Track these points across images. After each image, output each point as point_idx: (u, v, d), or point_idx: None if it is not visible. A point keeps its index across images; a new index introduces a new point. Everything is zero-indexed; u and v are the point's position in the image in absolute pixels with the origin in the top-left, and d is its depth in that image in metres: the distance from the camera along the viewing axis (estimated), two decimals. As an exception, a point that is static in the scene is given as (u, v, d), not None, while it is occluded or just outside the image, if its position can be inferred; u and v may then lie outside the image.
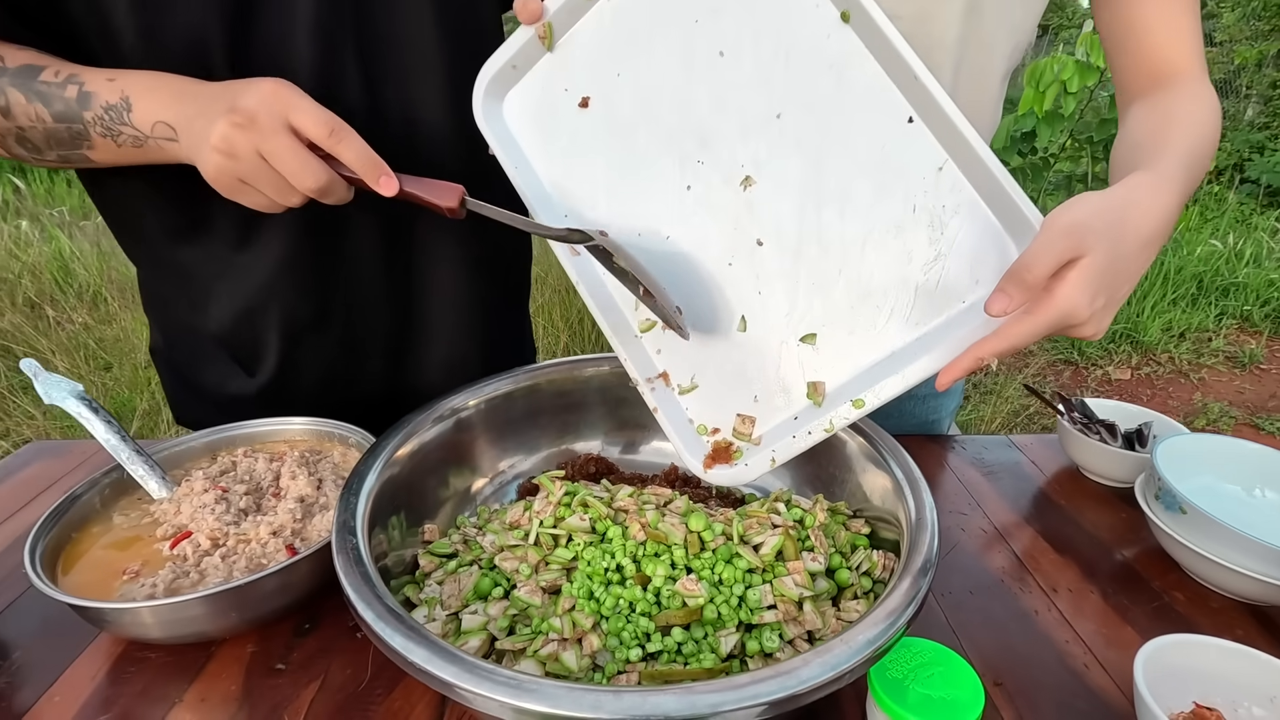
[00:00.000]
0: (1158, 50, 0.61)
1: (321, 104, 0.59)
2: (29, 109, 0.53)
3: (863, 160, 0.50)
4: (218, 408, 0.78)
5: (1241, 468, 0.65)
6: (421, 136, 0.69)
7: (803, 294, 0.53)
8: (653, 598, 0.45)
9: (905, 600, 0.40)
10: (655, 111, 0.56)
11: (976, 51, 0.66)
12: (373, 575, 0.42)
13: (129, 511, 0.61)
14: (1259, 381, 2.75)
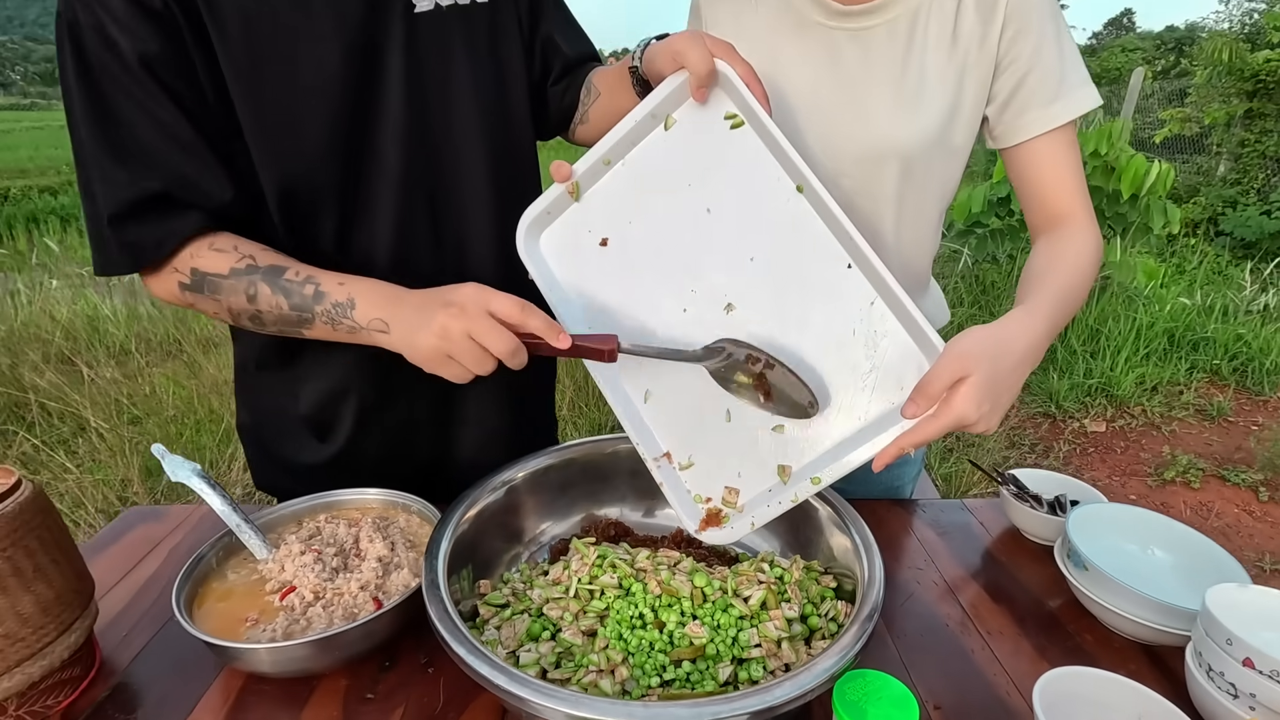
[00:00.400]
0: (1050, 199, 0.79)
1: (398, 238, 0.77)
2: (272, 299, 0.71)
3: (815, 294, 0.67)
4: (292, 474, 0.94)
5: (1139, 530, 0.79)
6: (472, 262, 0.86)
7: (777, 395, 0.69)
8: (667, 639, 0.59)
9: (855, 639, 0.54)
10: (659, 251, 0.73)
11: (913, 202, 0.84)
12: (459, 624, 0.56)
13: (239, 570, 0.75)
14: (1226, 434, 2.90)
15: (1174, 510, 2.41)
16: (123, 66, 0.67)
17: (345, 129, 0.76)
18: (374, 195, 0.80)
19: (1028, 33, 0.75)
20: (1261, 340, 3.48)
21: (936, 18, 0.77)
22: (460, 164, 0.82)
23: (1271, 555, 2.17)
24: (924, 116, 0.78)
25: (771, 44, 0.82)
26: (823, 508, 0.74)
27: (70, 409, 2.60)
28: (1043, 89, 0.76)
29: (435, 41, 0.78)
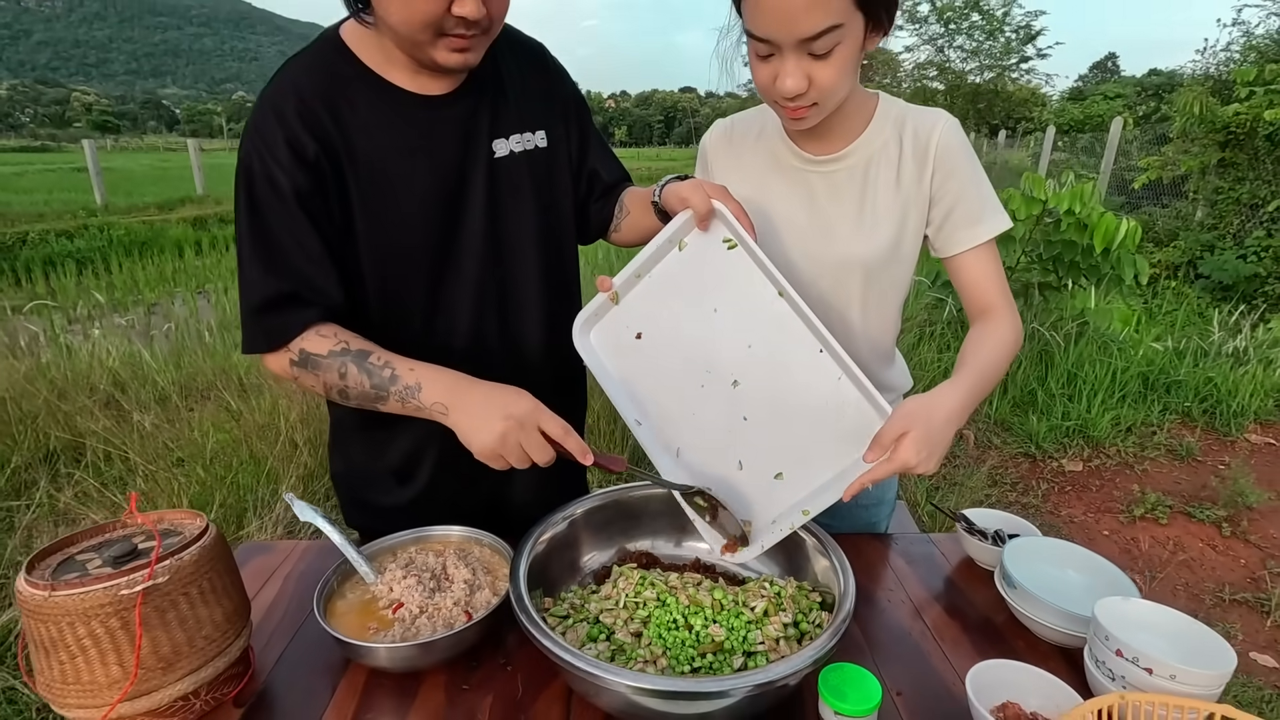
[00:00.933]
0: (978, 297, 1.02)
1: (471, 335, 1.01)
2: (358, 377, 0.92)
3: (796, 372, 0.90)
4: (378, 514, 1.15)
5: (1059, 557, 1.00)
6: (528, 348, 1.10)
7: (774, 447, 0.91)
8: (695, 637, 0.80)
9: (831, 636, 0.75)
10: (680, 342, 0.96)
11: (875, 298, 1.07)
12: (545, 628, 0.77)
13: (354, 590, 0.95)
14: (1194, 473, 3.11)
15: (1142, 544, 2.61)
16: (279, 198, 0.91)
17: (434, 246, 1.00)
18: (453, 299, 1.03)
19: (952, 175, 0.99)
20: (1230, 384, 3.70)
21: (884, 165, 1.02)
22: (523, 273, 1.06)
23: (1231, 586, 2.35)
24: (877, 238, 1.03)
25: (761, 181, 1.08)
26: (810, 539, 0.95)
27: (118, 451, 2.80)
28: (967, 216, 1.00)
29: (508, 179, 1.03)
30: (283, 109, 0.90)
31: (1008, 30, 17.14)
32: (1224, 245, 7.02)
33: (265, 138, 0.90)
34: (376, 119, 0.94)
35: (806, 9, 0.81)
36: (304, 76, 0.93)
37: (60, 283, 8.15)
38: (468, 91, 0.99)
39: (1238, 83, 7.08)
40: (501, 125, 1.02)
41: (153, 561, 0.75)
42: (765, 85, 0.92)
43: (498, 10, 0.88)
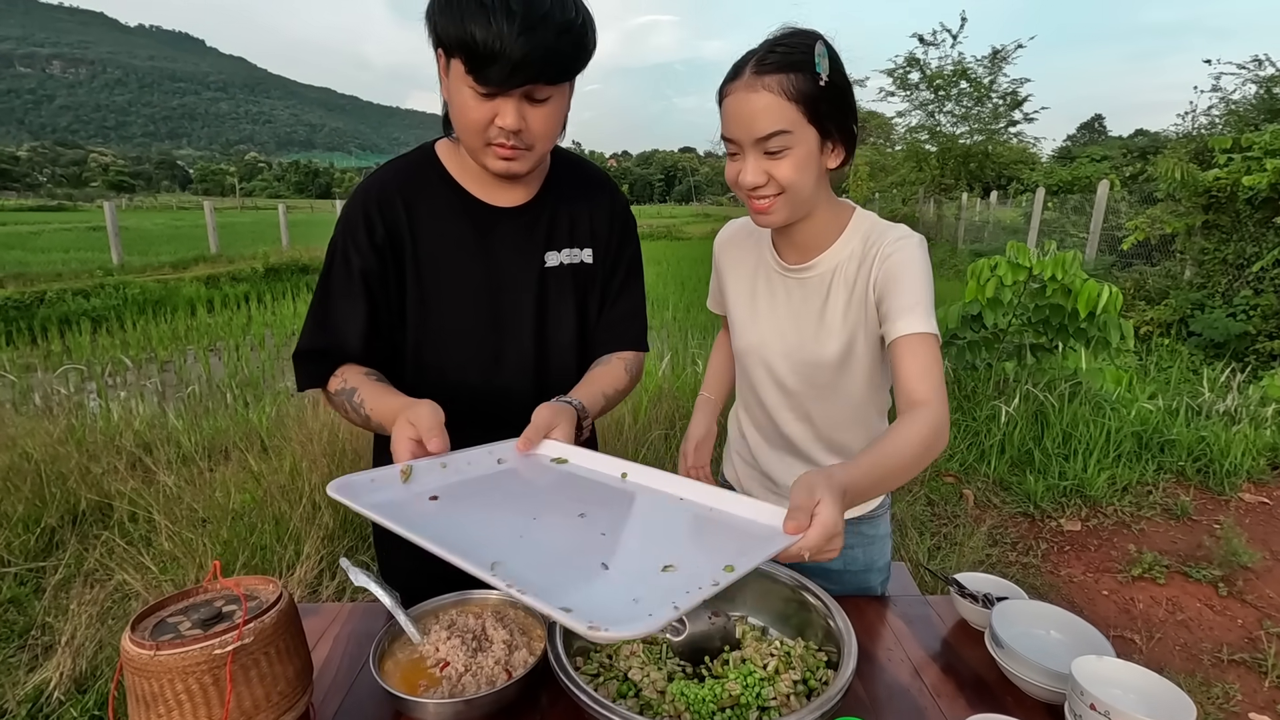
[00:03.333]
0: (908, 385, 1.02)
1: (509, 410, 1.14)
2: (353, 413, 1.11)
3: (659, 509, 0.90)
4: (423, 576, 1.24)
5: (1043, 619, 1.10)
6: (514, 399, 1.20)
7: (648, 549, 0.79)
8: (714, 693, 0.90)
9: (836, 694, 0.85)
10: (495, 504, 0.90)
11: (842, 394, 1.20)
12: (582, 684, 0.87)
13: (403, 650, 1.05)
14: (1190, 532, 3.18)
15: (1140, 604, 2.66)
16: (349, 273, 1.11)
17: (479, 336, 1.16)
18: (493, 384, 1.18)
19: (894, 272, 1.05)
20: (1222, 443, 3.80)
21: (842, 276, 1.13)
22: (562, 365, 1.22)
23: (1229, 646, 2.41)
24: (831, 344, 1.15)
25: (752, 281, 1.24)
26: (816, 603, 1.05)
27: (144, 512, 2.89)
28: (900, 309, 1.03)
29: (555, 286, 1.19)
30: (368, 198, 1.10)
31: (994, 97, 17.86)
32: (1213, 304, 7.20)
33: (350, 220, 1.10)
34: (445, 217, 1.12)
35: (759, 115, 0.98)
36: (393, 174, 1.12)
37: (75, 341, 8.34)
38: (530, 208, 1.16)
39: (1216, 150, 7.40)
40: (555, 240, 1.18)
41: (241, 624, 0.86)
42: (732, 179, 1.06)
43: (539, 128, 1.00)
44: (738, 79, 1.00)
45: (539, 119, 1.00)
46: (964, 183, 19.15)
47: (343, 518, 2.78)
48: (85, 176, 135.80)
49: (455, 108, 0.99)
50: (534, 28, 0.89)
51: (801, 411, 1.23)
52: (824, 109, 0.99)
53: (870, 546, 1.36)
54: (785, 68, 0.97)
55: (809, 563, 0.79)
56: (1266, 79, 9.26)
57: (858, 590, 1.36)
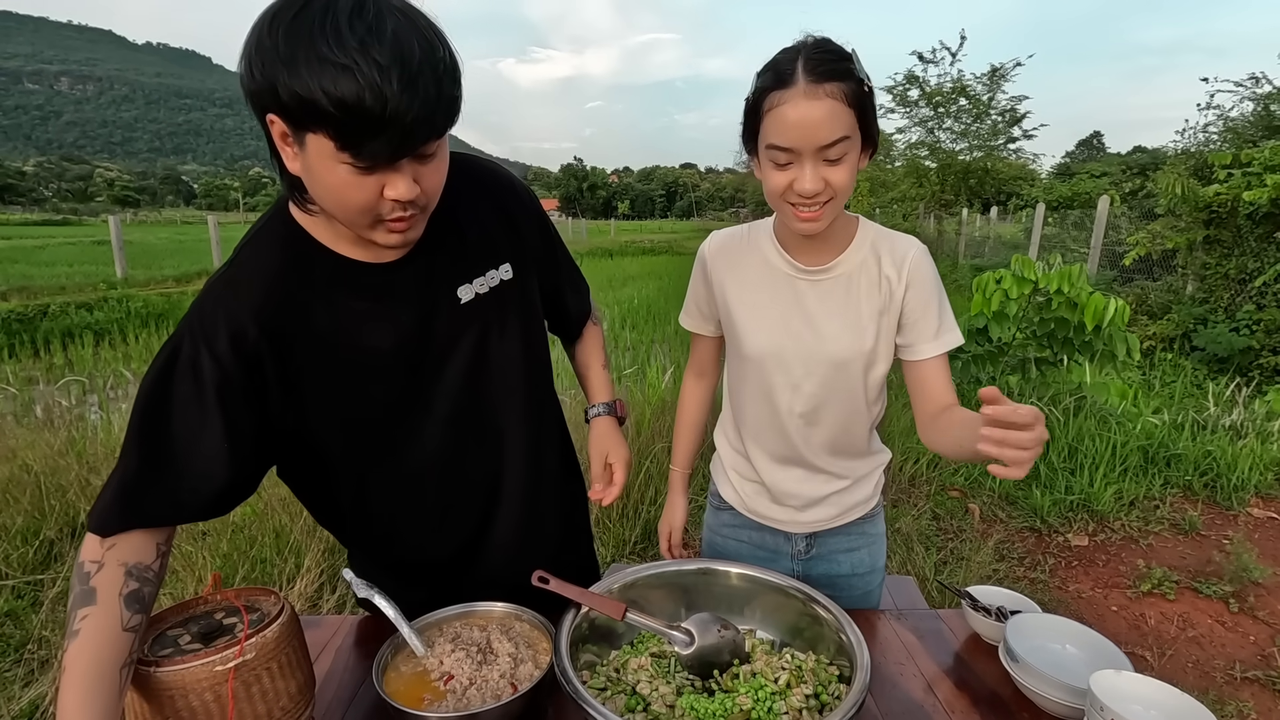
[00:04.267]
0: (937, 394, 1.16)
1: (445, 467, 1.08)
2: (69, 610, 0.80)
3: None
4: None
5: (1058, 632, 1.08)
6: (506, 479, 1.14)
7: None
8: (724, 707, 0.88)
9: (849, 709, 0.83)
10: None
11: (861, 391, 1.21)
12: (590, 697, 0.85)
13: (407, 663, 1.03)
14: (1199, 547, 3.14)
15: (1150, 620, 2.63)
16: (197, 388, 0.85)
17: (401, 401, 1.01)
18: (426, 441, 1.04)
19: (921, 294, 1.15)
20: (1229, 457, 3.77)
21: (865, 277, 1.16)
22: (503, 401, 1.09)
23: (1241, 663, 2.37)
24: (864, 339, 1.17)
25: (757, 288, 1.21)
26: (828, 616, 1.03)
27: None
28: (930, 330, 1.15)
29: (477, 319, 1.03)
30: (229, 295, 0.89)
31: (994, 113, 17.97)
32: (1216, 318, 7.19)
33: (207, 326, 0.86)
34: (331, 294, 0.93)
35: (824, 122, 0.97)
36: (255, 259, 0.92)
37: (78, 354, 8.34)
38: (421, 250, 0.97)
39: (1215, 166, 7.42)
40: (463, 271, 1.01)
41: (242, 639, 0.84)
42: (780, 189, 1.04)
43: (430, 186, 0.84)
44: (789, 87, 0.98)
45: (431, 176, 0.83)
46: (964, 198, 19.21)
47: (344, 531, 2.76)
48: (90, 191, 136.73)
49: (326, 191, 0.79)
50: (412, 82, 0.71)
51: (815, 415, 1.22)
52: (870, 114, 1.02)
53: (873, 546, 1.36)
54: (839, 75, 0.97)
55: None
56: (1264, 96, 9.31)
57: (863, 595, 1.36)
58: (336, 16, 0.70)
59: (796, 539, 1.34)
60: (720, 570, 1.16)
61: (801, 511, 1.30)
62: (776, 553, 1.36)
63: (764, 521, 1.34)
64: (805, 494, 1.28)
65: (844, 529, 1.33)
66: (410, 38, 0.72)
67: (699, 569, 1.16)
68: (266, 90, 0.73)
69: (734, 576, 1.15)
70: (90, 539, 0.84)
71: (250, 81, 0.74)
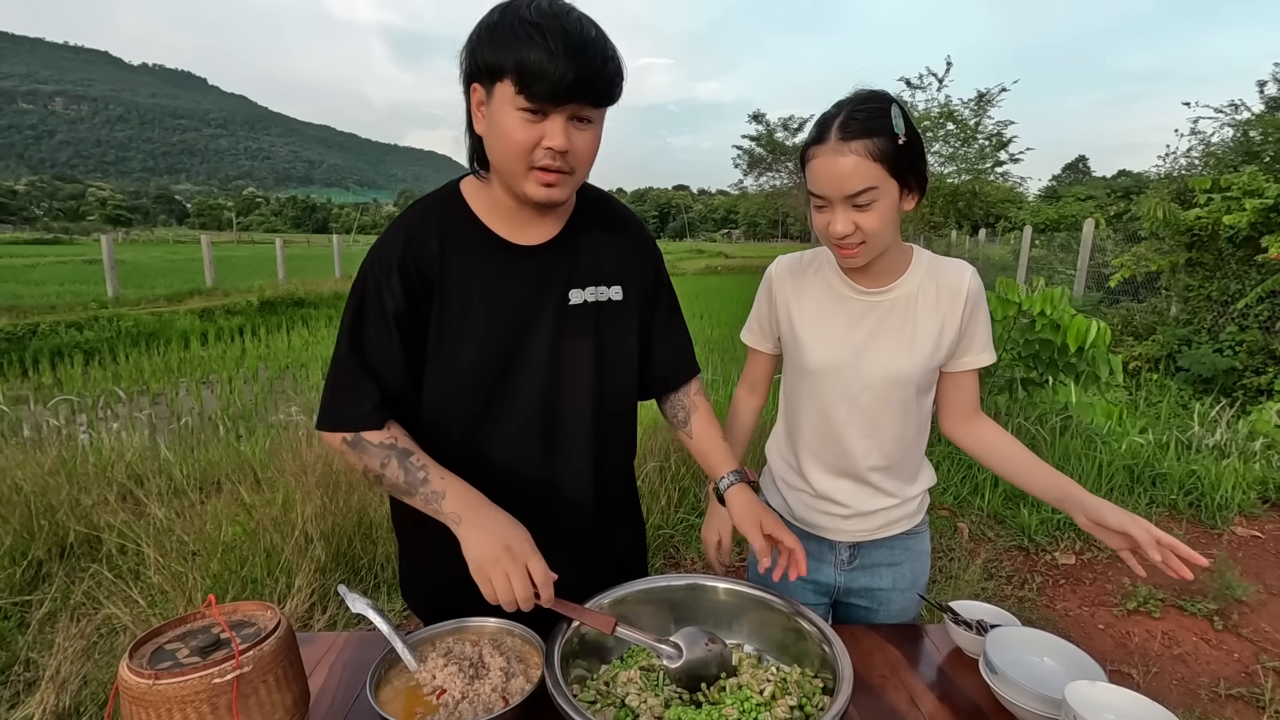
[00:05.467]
0: (970, 399, 1.28)
1: (510, 461, 1.15)
2: (396, 471, 1.07)
3: None
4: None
5: (1036, 645, 1.11)
6: (564, 490, 1.19)
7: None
8: (712, 718, 0.90)
9: (834, 717, 0.85)
10: None
11: (914, 408, 1.31)
12: (581, 710, 0.87)
13: (400, 677, 1.05)
14: (1184, 565, 3.17)
15: (1136, 638, 2.65)
16: (381, 311, 1.08)
17: (493, 375, 1.13)
18: (500, 426, 1.15)
19: (976, 312, 1.26)
20: (1213, 477, 3.83)
21: (923, 299, 1.25)
22: (575, 411, 1.17)
23: (1226, 680, 2.40)
24: (919, 357, 1.25)
25: (820, 306, 1.30)
26: (812, 629, 1.06)
27: (133, 545, 2.86)
28: (976, 344, 1.28)
29: (579, 323, 1.16)
30: (400, 239, 1.09)
31: (981, 138, 18.30)
32: (1200, 339, 7.30)
33: (381, 263, 1.08)
34: (470, 258, 1.11)
35: (848, 176, 1.09)
36: (421, 218, 1.12)
37: (67, 373, 8.30)
38: (552, 245, 1.14)
39: (1196, 190, 7.58)
40: (579, 277, 1.16)
41: (238, 652, 0.86)
42: (821, 229, 1.17)
43: (580, 148, 1.02)
44: (823, 143, 1.11)
45: (583, 142, 1.01)
46: (953, 220, 19.49)
47: (335, 550, 2.76)
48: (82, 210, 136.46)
49: (499, 133, 0.99)
50: (582, 49, 0.94)
51: (871, 428, 1.29)
52: (904, 164, 1.11)
53: (915, 563, 1.41)
54: (867, 133, 1.08)
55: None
56: (1242, 123, 9.54)
57: (900, 611, 1.40)
58: (539, 3, 0.95)
59: (840, 548, 1.39)
60: (708, 585, 1.19)
61: (847, 520, 1.36)
62: (820, 561, 1.40)
63: (810, 530, 1.40)
64: (854, 505, 1.35)
65: (887, 542, 1.38)
66: (588, 27, 0.96)
67: (687, 584, 1.19)
68: (477, 56, 0.97)
69: (721, 591, 1.18)
70: (328, 435, 1.12)
71: (470, 54, 0.99)
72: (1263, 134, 8.86)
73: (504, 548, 0.99)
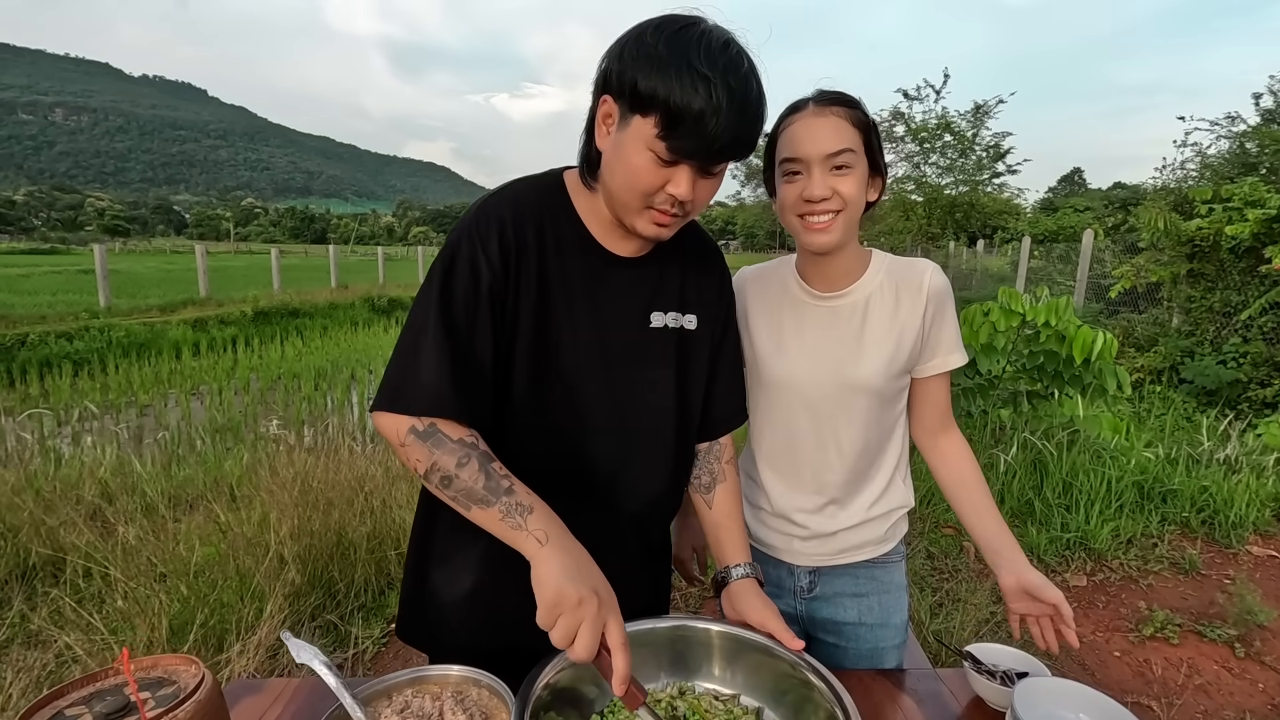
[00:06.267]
0: (940, 408, 1.23)
1: (569, 480, 1.04)
2: (475, 474, 0.89)
3: None
4: None
5: (1070, 699, 0.98)
6: (617, 520, 1.09)
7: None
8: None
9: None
10: None
11: (875, 418, 1.20)
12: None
13: (347, 739, 0.92)
14: (1200, 588, 3.05)
15: (1155, 667, 2.52)
16: (475, 282, 0.95)
17: (566, 385, 1.03)
18: (566, 442, 1.05)
19: (940, 311, 1.17)
20: (1225, 493, 3.70)
21: (879, 302, 1.17)
22: (643, 439, 1.09)
23: (1252, 713, 2.26)
24: (872, 363, 1.16)
25: (779, 314, 1.23)
26: (819, 682, 0.93)
27: (99, 567, 2.72)
28: (943, 346, 1.19)
29: (656, 348, 1.08)
30: (502, 212, 0.98)
31: (978, 149, 18.31)
32: (1203, 350, 7.20)
33: (481, 229, 0.96)
34: (563, 256, 1.01)
35: (829, 134, 1.08)
36: (526, 195, 1.02)
37: (55, 384, 8.16)
38: (645, 261, 1.07)
39: (1196, 201, 7.52)
40: (664, 301, 1.09)
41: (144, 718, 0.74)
42: (793, 200, 1.12)
43: (702, 198, 0.95)
44: (799, 113, 1.11)
45: (705, 190, 0.95)
46: (950, 231, 19.46)
47: (310, 572, 2.62)
48: (80, 220, 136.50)
49: (624, 165, 0.91)
50: (743, 109, 0.85)
51: (831, 439, 1.21)
52: (874, 142, 1.12)
53: (885, 596, 1.28)
54: (844, 102, 1.11)
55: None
56: (1239, 134, 9.50)
57: (871, 651, 1.26)
58: (711, 43, 0.85)
59: (799, 574, 1.29)
60: (699, 628, 1.06)
61: (806, 542, 1.26)
62: (780, 588, 1.31)
63: (767, 551, 1.31)
64: (811, 525, 1.25)
65: (850, 570, 1.27)
66: (754, 80, 0.88)
67: (674, 626, 1.06)
68: (624, 75, 0.87)
69: (714, 635, 1.05)
70: (388, 419, 0.93)
71: (615, 64, 0.89)
72: (1259, 146, 8.82)
73: (591, 590, 0.82)
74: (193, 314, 12.59)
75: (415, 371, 0.92)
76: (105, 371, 8.88)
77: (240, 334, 11.86)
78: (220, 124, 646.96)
